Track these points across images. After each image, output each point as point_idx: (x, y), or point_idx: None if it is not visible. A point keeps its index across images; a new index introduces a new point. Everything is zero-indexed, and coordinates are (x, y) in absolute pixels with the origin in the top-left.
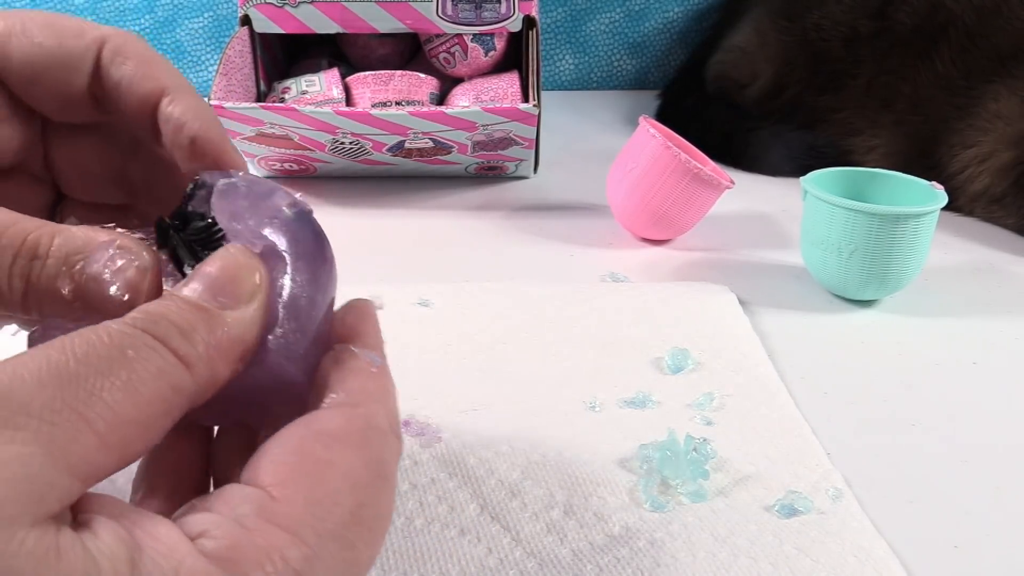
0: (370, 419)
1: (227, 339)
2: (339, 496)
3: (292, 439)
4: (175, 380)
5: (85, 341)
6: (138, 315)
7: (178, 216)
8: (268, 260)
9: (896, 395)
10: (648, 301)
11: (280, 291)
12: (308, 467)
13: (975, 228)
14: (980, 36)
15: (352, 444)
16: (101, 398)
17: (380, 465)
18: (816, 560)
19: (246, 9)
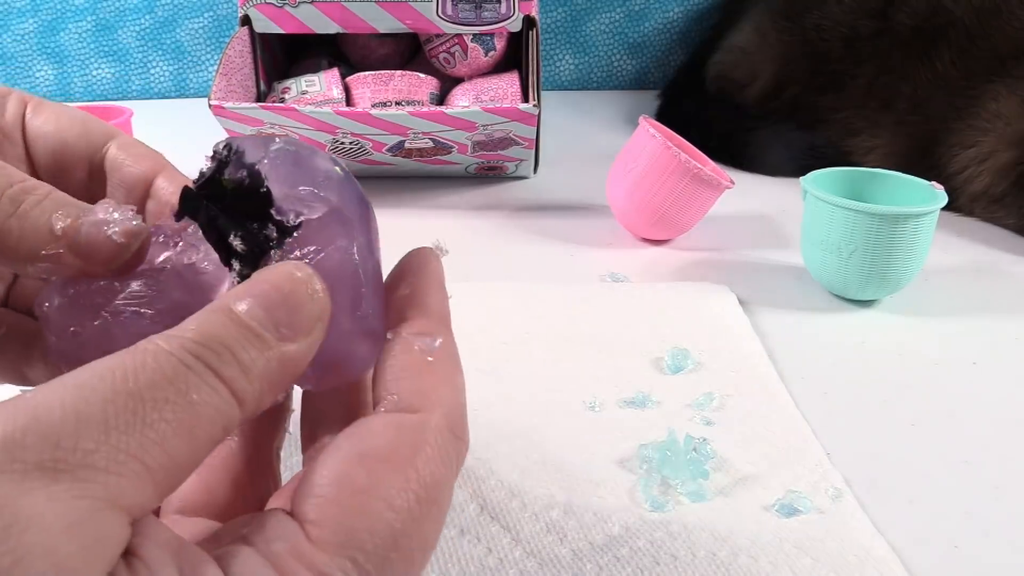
0: (424, 429)
1: (281, 376)
2: (376, 532)
3: (336, 463)
4: (228, 419)
5: (151, 380)
6: (200, 341)
7: (210, 184)
8: (332, 226)
9: (896, 395)
10: (648, 301)
11: (356, 259)
12: (345, 499)
13: (975, 228)
14: (980, 36)
15: (400, 465)
16: (164, 448)
17: (429, 487)
18: (816, 559)
19: (246, 9)
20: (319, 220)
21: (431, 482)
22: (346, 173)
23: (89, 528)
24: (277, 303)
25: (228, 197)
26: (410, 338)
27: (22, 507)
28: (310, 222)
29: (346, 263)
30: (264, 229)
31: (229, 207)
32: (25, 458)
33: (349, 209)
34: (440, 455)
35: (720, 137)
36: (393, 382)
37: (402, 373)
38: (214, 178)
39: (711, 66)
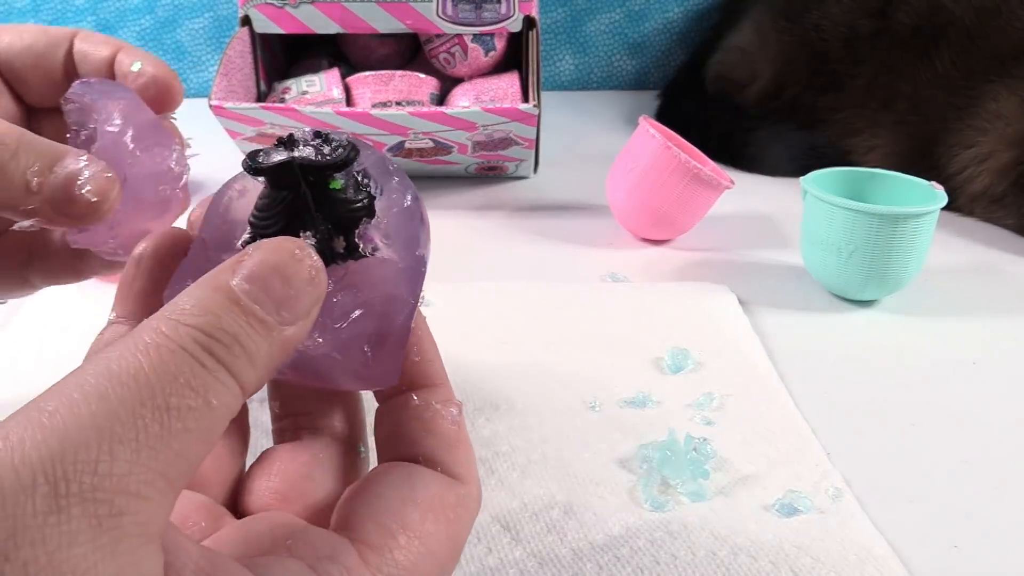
0: (467, 498)
1: (281, 357)
2: (419, 573)
3: (395, 499)
4: (233, 408)
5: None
6: (207, 332)
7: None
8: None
9: (896, 395)
10: (648, 301)
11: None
12: (401, 538)
13: (975, 228)
14: (980, 36)
15: (447, 521)
16: (187, 459)
17: (460, 543)
18: (816, 559)
19: (246, 9)
20: (393, 266)
21: (461, 542)
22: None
23: (131, 571)
24: (278, 286)
25: (329, 197)
26: (439, 407)
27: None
28: (385, 262)
29: (395, 312)
30: (337, 238)
31: (320, 203)
32: (68, 491)
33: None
34: (471, 516)
35: (720, 137)
36: (433, 448)
37: (439, 440)
38: (321, 167)
39: (711, 66)
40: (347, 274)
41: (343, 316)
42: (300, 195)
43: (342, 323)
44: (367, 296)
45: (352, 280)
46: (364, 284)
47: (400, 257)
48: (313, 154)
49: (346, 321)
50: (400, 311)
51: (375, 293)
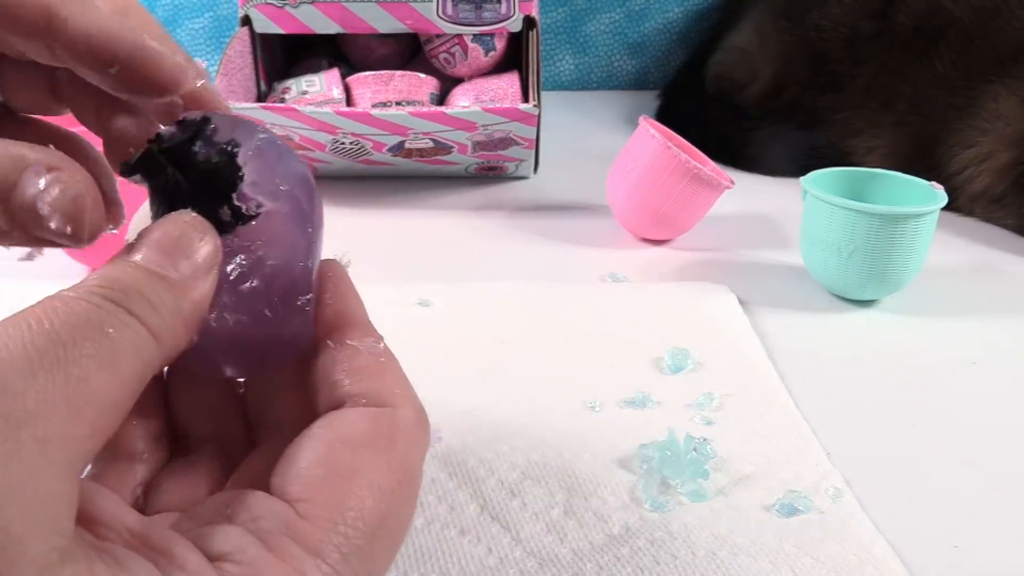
0: (397, 420)
1: (190, 308)
2: (364, 510)
3: (318, 447)
4: (148, 355)
5: (64, 321)
6: (105, 285)
7: (176, 151)
8: (290, 223)
9: (896, 395)
10: (648, 301)
11: (310, 253)
12: (334, 480)
13: (975, 228)
14: (979, 37)
15: (380, 449)
16: (89, 384)
17: (406, 470)
18: (816, 559)
19: (246, 9)
20: (280, 215)
21: (408, 466)
22: (307, 171)
23: (29, 485)
24: (171, 247)
25: (194, 170)
26: (355, 344)
27: None
28: (270, 214)
29: (293, 259)
30: (219, 210)
31: (191, 180)
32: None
33: (311, 212)
34: (413, 442)
35: (720, 137)
36: (355, 384)
37: (361, 375)
38: (183, 147)
39: (711, 66)
40: (239, 239)
41: (245, 279)
42: (170, 179)
43: (246, 285)
44: (264, 254)
45: (246, 243)
46: (258, 244)
47: (283, 204)
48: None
49: (249, 282)
50: (298, 258)
51: (271, 249)
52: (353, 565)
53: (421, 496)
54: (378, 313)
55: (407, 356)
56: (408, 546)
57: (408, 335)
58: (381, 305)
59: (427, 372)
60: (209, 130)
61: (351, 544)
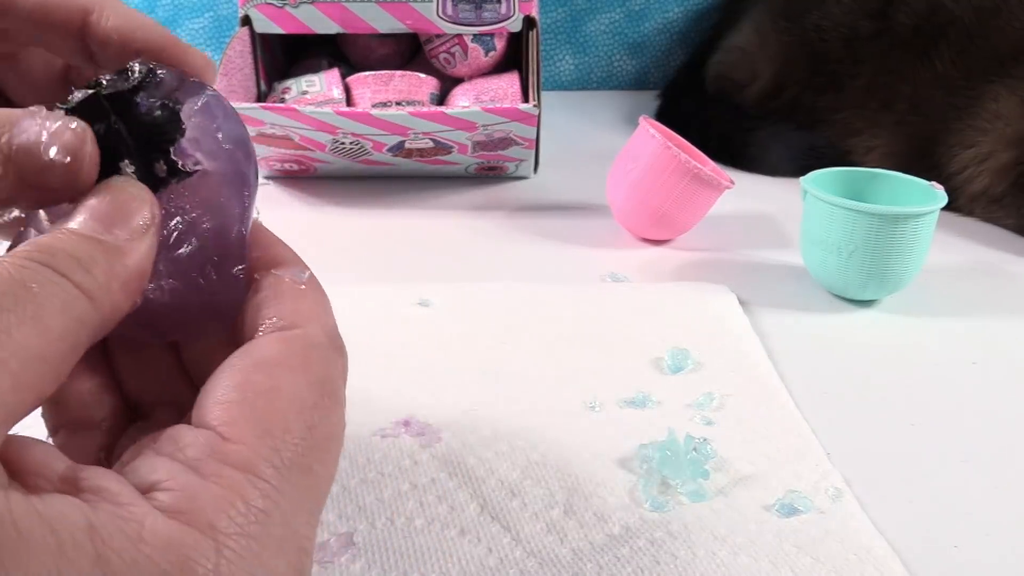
0: (308, 339)
1: (126, 271)
2: (288, 424)
3: (234, 374)
4: (79, 313)
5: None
6: (33, 249)
7: (119, 99)
8: (226, 185)
9: (896, 395)
10: (648, 301)
11: (245, 218)
12: (253, 400)
13: (975, 228)
14: (980, 36)
15: (293, 367)
16: (11, 335)
17: (325, 383)
18: (816, 559)
19: (246, 9)
20: (218, 175)
21: (325, 381)
22: (246, 134)
23: None
24: (107, 213)
25: (135, 120)
26: (279, 273)
27: None
28: (207, 174)
29: (229, 224)
30: (155, 164)
31: (131, 130)
32: None
33: (248, 176)
34: (326, 359)
35: (720, 137)
36: (271, 308)
37: (277, 300)
38: (125, 95)
39: (711, 66)
40: (176, 199)
41: (180, 242)
42: (112, 127)
43: (181, 249)
44: (198, 215)
45: (182, 204)
46: (192, 204)
47: (221, 165)
48: (116, 85)
49: (184, 246)
50: (233, 222)
51: (205, 210)
52: (291, 479)
53: (421, 496)
54: (378, 313)
55: (407, 356)
56: (408, 546)
57: (408, 335)
58: (381, 305)
59: (427, 372)
60: (155, 81)
61: (282, 458)
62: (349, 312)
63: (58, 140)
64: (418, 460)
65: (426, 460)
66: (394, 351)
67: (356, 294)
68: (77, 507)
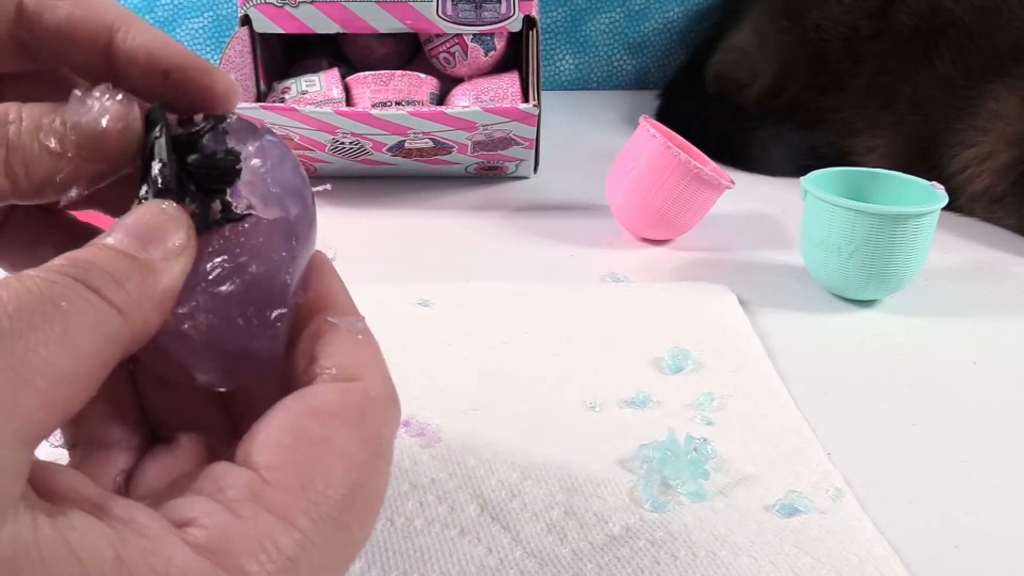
0: (367, 392)
1: (158, 289)
2: (334, 478)
3: (287, 417)
4: (110, 330)
5: (14, 294)
6: (65, 263)
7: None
8: (278, 233)
9: (896, 395)
10: (648, 301)
11: (292, 267)
12: (303, 448)
13: (975, 228)
14: (980, 36)
15: (349, 421)
16: (38, 354)
17: (377, 442)
18: (816, 559)
19: (246, 9)
20: (268, 223)
21: (378, 439)
22: (307, 180)
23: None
24: (142, 231)
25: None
26: (335, 321)
27: None
28: (256, 219)
29: (273, 270)
30: (210, 205)
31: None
32: None
33: (300, 226)
34: (383, 414)
35: (720, 137)
36: (329, 357)
37: (336, 350)
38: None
39: (711, 66)
40: (224, 240)
41: (223, 281)
42: (175, 166)
43: (223, 288)
44: (245, 259)
45: (230, 246)
46: (240, 245)
47: (273, 212)
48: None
49: (227, 285)
50: (280, 270)
51: (251, 253)
52: (325, 533)
53: (421, 496)
54: (378, 313)
55: (407, 356)
56: (408, 546)
57: (408, 335)
58: (381, 305)
59: (427, 372)
60: (222, 127)
61: (321, 511)
62: None
63: (109, 110)
64: (418, 460)
65: (426, 460)
66: (394, 351)
67: (356, 294)
68: (106, 537)
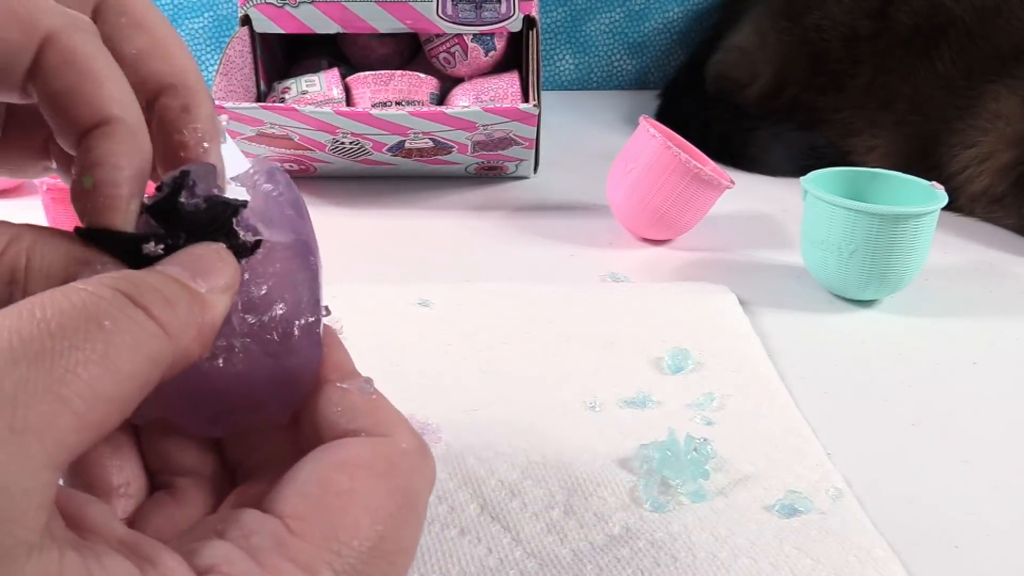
0: (396, 445)
1: (203, 318)
2: (359, 530)
3: (316, 467)
4: (154, 352)
5: (58, 310)
6: (117, 278)
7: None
8: (296, 250)
9: (896, 395)
10: (648, 301)
11: (315, 282)
12: (329, 499)
13: (975, 228)
14: (980, 36)
15: (377, 472)
16: (78, 375)
17: (407, 494)
18: (816, 560)
19: (246, 9)
20: (279, 245)
21: (408, 491)
22: (305, 215)
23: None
24: (192, 265)
25: (185, 220)
26: (346, 386)
27: None
28: (268, 243)
29: (299, 289)
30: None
31: (190, 226)
32: None
33: (311, 239)
34: (413, 467)
35: (720, 137)
36: (352, 420)
37: (357, 411)
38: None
39: (711, 66)
40: (248, 270)
41: (251, 309)
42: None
43: (251, 316)
44: (270, 284)
45: (253, 274)
46: (262, 272)
47: (279, 233)
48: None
49: (255, 314)
50: (303, 287)
51: (275, 277)
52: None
53: None
54: (378, 313)
55: (407, 356)
56: None
57: (408, 335)
58: (381, 305)
59: (427, 372)
60: (190, 181)
61: (344, 563)
62: (349, 312)
63: None
64: None
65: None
66: (394, 351)
67: (356, 294)
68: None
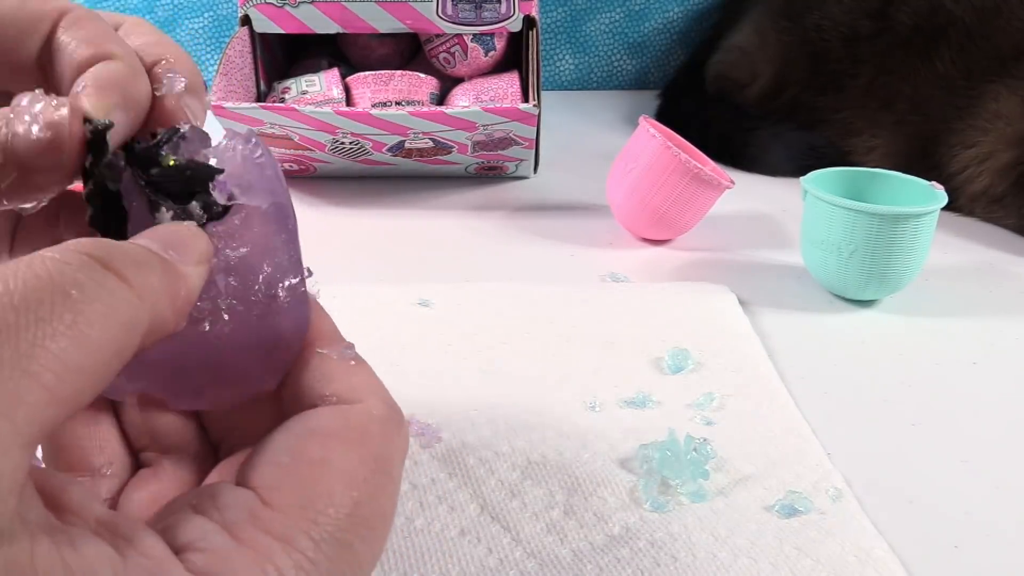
0: (368, 412)
1: (180, 288)
2: (334, 496)
3: (288, 438)
4: (127, 317)
5: (21, 281)
6: (86, 243)
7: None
8: (272, 213)
9: (896, 395)
10: (648, 301)
11: (292, 241)
12: (302, 468)
13: (975, 228)
14: (980, 36)
15: (350, 440)
16: (46, 347)
17: (380, 460)
18: (816, 560)
19: (246, 9)
20: (254, 209)
21: (381, 458)
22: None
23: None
24: (166, 238)
25: (163, 175)
26: (325, 352)
27: None
28: (243, 207)
29: (277, 247)
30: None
31: (163, 185)
32: None
33: (288, 203)
34: (385, 433)
35: (720, 137)
36: (326, 385)
37: (332, 377)
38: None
39: (711, 66)
40: (224, 235)
41: (231, 271)
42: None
43: (235, 278)
44: (248, 247)
45: (226, 236)
46: (238, 236)
47: (255, 197)
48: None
49: (238, 276)
50: (282, 248)
51: (252, 242)
52: (328, 553)
53: (421, 496)
54: (378, 313)
55: (407, 356)
56: (408, 546)
57: (408, 335)
58: (381, 305)
59: (427, 372)
60: (178, 137)
61: (322, 531)
62: (349, 312)
63: (41, 119)
64: (418, 460)
65: (426, 460)
66: (394, 351)
67: (356, 294)
68: (107, 558)
